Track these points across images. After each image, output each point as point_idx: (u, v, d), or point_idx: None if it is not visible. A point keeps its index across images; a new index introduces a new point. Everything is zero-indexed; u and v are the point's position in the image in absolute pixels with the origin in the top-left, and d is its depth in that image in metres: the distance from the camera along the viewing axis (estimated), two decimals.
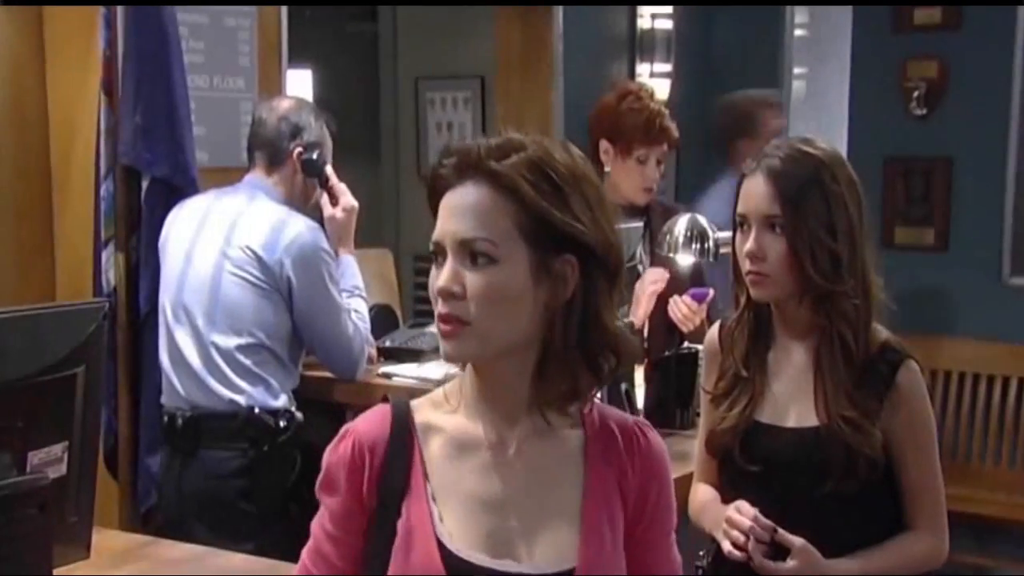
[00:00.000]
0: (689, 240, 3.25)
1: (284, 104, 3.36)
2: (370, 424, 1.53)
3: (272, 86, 4.03)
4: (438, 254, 1.49)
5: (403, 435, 1.51)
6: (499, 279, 1.45)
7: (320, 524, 1.56)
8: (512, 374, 1.51)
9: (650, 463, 1.59)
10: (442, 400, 1.57)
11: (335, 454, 1.53)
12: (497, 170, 1.47)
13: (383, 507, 1.49)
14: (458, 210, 1.48)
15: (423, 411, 1.55)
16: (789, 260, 2.13)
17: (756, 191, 2.16)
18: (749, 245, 2.16)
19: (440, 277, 1.47)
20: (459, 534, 1.50)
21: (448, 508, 1.51)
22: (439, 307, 1.48)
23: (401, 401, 1.56)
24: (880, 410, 2.16)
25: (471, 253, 1.46)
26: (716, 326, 2.38)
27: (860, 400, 2.15)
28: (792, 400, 2.22)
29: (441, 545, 1.48)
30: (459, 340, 1.47)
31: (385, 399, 1.56)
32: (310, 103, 3.46)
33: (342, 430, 1.55)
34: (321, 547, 1.55)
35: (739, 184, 2.22)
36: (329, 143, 3.36)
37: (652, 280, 3.51)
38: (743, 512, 2.14)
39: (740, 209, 2.20)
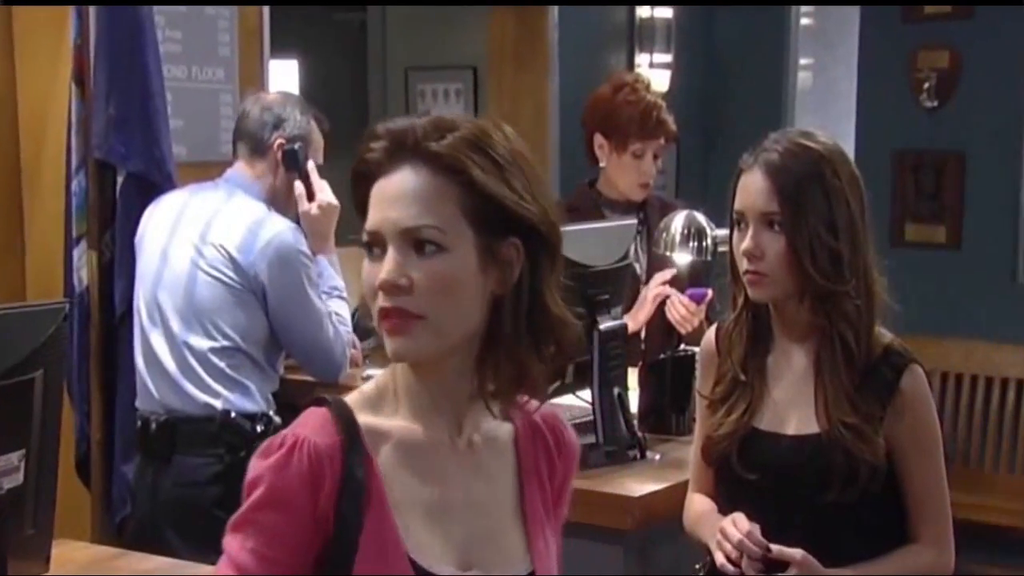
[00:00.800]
0: (686, 238, 3.23)
1: (270, 97, 3.36)
2: (320, 431, 1.42)
3: (253, 77, 4.02)
4: (374, 245, 1.44)
5: (355, 443, 1.43)
6: (450, 268, 1.41)
7: (252, 550, 1.40)
8: (454, 368, 1.47)
9: (572, 454, 1.62)
10: (378, 400, 1.49)
11: (287, 468, 1.40)
12: (439, 151, 1.41)
13: (344, 523, 1.41)
14: (397, 197, 1.42)
15: (363, 414, 1.46)
16: (788, 259, 2.11)
17: (754, 187, 2.14)
18: (746, 243, 2.14)
19: (383, 270, 1.41)
20: (427, 547, 1.46)
21: (411, 520, 1.45)
22: (381, 302, 1.42)
23: (340, 403, 1.46)
24: (883, 416, 2.14)
25: (416, 242, 1.41)
26: (713, 329, 2.36)
27: (862, 405, 2.14)
28: (792, 406, 2.21)
29: (413, 563, 1.44)
30: (411, 336, 1.41)
31: (319, 401, 1.47)
32: (298, 97, 3.45)
33: (282, 439, 1.43)
34: None
35: (735, 180, 2.20)
36: (317, 140, 3.34)
37: (658, 283, 3.50)
38: (737, 525, 2.12)
39: (737, 206, 2.18)
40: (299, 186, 3.31)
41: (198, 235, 3.15)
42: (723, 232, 2.33)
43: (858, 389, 2.14)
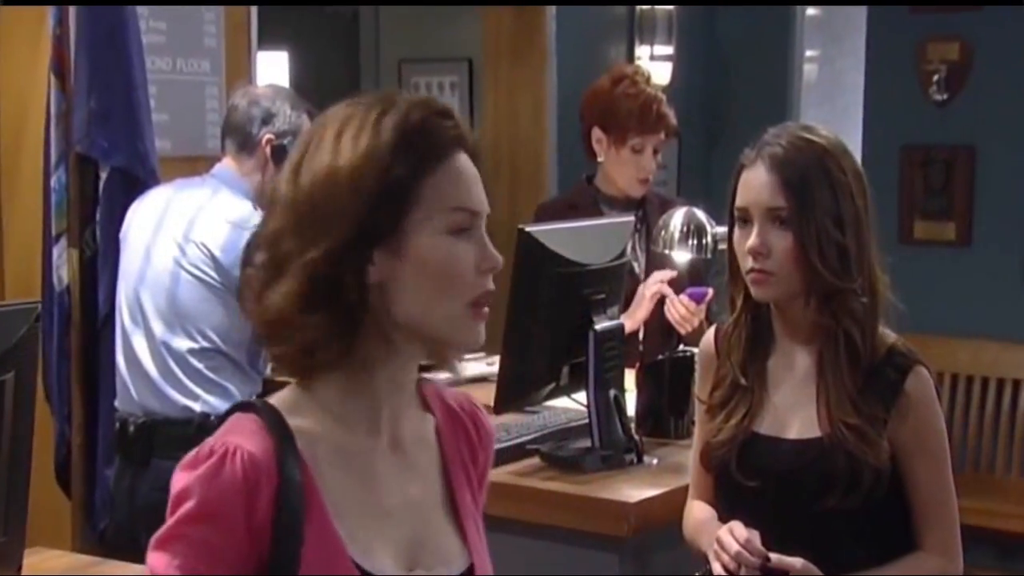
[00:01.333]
0: (686, 235, 3.22)
1: (259, 90, 3.35)
2: (251, 438, 1.38)
3: (240, 69, 4.00)
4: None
5: (289, 448, 1.39)
6: None
7: (180, 567, 1.35)
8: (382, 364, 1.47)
9: (490, 439, 1.62)
10: (297, 403, 1.45)
11: (219, 478, 1.35)
12: None
13: (284, 534, 1.36)
14: None
15: (290, 417, 1.42)
16: (796, 256, 2.10)
17: (757, 182, 2.13)
18: (752, 241, 2.13)
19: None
20: (371, 551, 1.43)
21: (351, 523, 1.42)
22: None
23: (269, 406, 1.43)
24: (887, 419, 2.13)
25: None
26: (712, 331, 2.35)
27: (865, 407, 2.13)
28: (793, 409, 2.20)
29: (358, 567, 1.41)
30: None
31: (244, 407, 1.42)
32: (289, 91, 3.44)
33: (211, 447, 1.38)
34: None
35: (736, 176, 2.18)
36: None
37: (656, 281, 3.48)
38: (735, 534, 2.11)
39: (740, 202, 2.16)
40: None
41: (182, 233, 3.14)
42: (723, 229, 2.31)
43: (861, 391, 2.13)
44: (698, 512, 2.32)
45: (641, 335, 3.56)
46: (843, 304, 2.12)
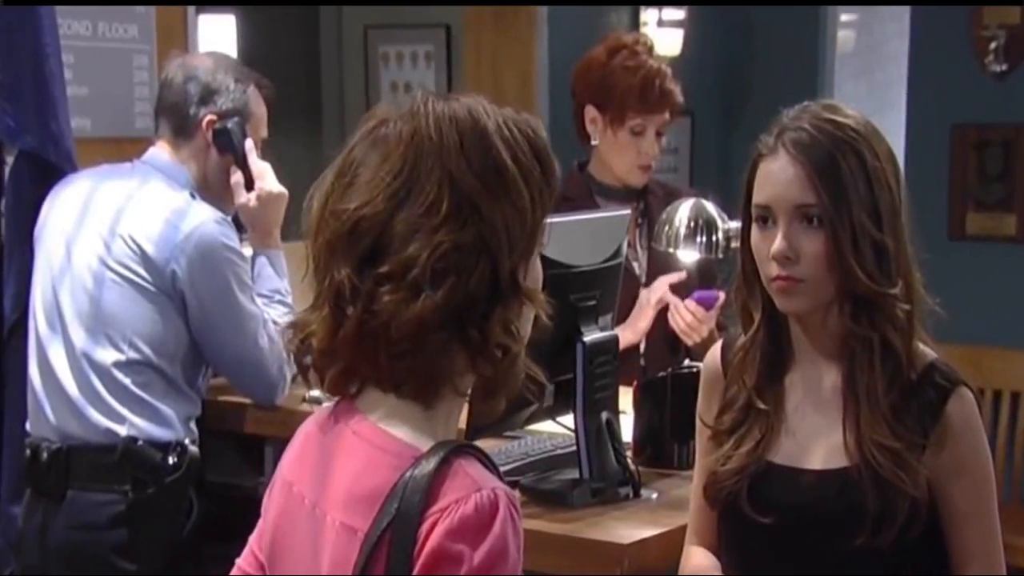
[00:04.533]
0: (693, 231, 3.22)
1: (197, 60, 3.35)
2: (490, 477, 1.59)
3: (175, 35, 4.02)
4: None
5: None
6: None
7: None
8: None
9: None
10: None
11: (517, 531, 1.57)
12: None
13: None
14: None
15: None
16: (829, 259, 2.10)
17: (783, 176, 2.12)
18: (778, 244, 2.12)
19: None
20: None
21: None
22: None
23: (471, 445, 1.64)
24: (924, 446, 2.13)
25: None
26: (718, 346, 2.35)
27: (903, 430, 2.12)
28: (815, 436, 2.20)
29: None
30: None
31: (456, 449, 1.59)
32: (232, 61, 3.45)
33: (491, 496, 1.55)
34: None
35: (751, 168, 2.18)
36: (258, 113, 3.35)
37: (661, 287, 3.49)
38: None
39: (760, 199, 2.15)
40: (236, 172, 3.31)
41: (107, 227, 3.15)
42: (737, 225, 2.31)
43: (897, 411, 2.13)
44: (697, 559, 2.32)
45: (643, 348, 3.57)
46: (883, 311, 2.12)
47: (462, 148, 1.61)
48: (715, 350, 2.35)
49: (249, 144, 3.31)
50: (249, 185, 3.33)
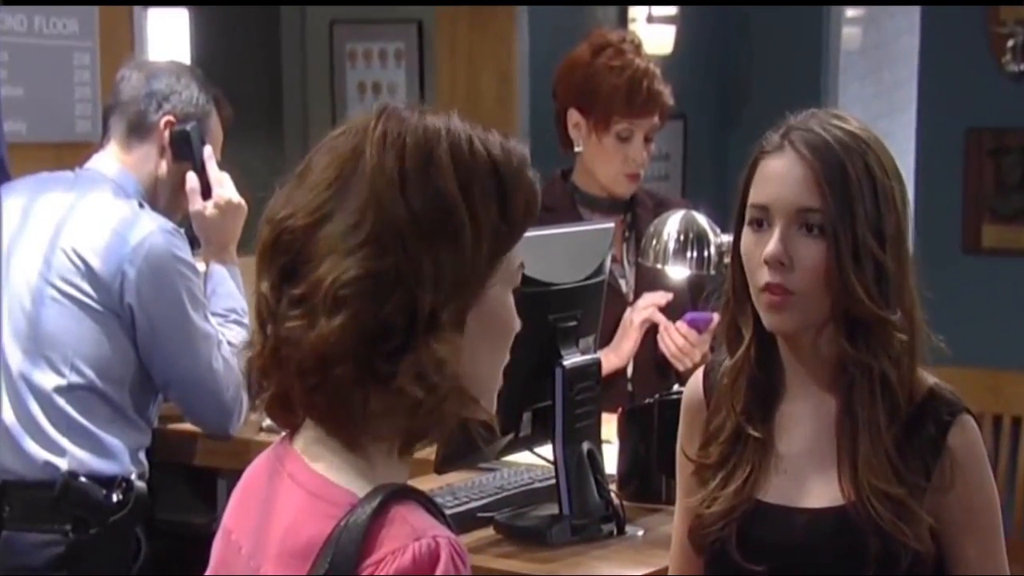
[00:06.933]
0: (683, 245, 3.23)
1: (159, 63, 3.39)
2: (436, 524, 1.60)
3: (121, 31, 4.02)
4: None
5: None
6: None
7: None
8: None
9: None
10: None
11: None
12: None
13: None
14: None
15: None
16: (827, 272, 2.09)
17: (787, 174, 2.12)
18: (772, 247, 2.10)
19: None
20: None
21: None
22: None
23: (412, 489, 1.64)
24: (927, 484, 2.13)
25: None
26: (700, 372, 2.35)
27: (906, 472, 2.12)
28: (808, 471, 2.19)
29: None
30: None
31: (394, 493, 1.60)
32: (194, 70, 3.46)
33: (430, 545, 1.56)
34: None
35: (752, 165, 2.18)
36: (214, 125, 3.36)
37: (645, 306, 3.49)
38: None
39: (758, 198, 2.15)
40: (192, 179, 3.31)
41: (47, 241, 3.15)
42: (729, 239, 2.30)
43: (900, 448, 2.13)
44: None
45: (630, 372, 3.57)
46: (880, 338, 2.12)
47: (399, 173, 1.58)
48: (696, 376, 2.34)
49: (208, 150, 3.32)
50: (206, 193, 3.34)
